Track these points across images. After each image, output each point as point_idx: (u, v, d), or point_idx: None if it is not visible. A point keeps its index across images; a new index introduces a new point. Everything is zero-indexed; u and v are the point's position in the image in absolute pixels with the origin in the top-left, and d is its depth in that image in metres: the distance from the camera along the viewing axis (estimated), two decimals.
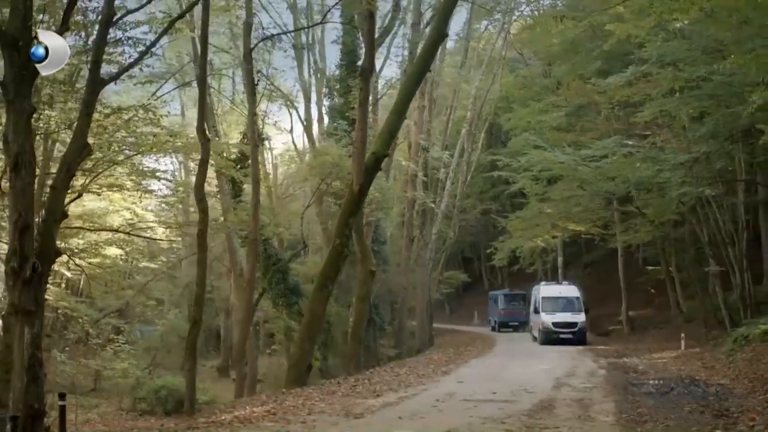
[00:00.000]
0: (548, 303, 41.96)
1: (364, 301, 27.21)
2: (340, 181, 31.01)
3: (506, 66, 54.17)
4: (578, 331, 40.38)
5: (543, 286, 45.07)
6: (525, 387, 21.13)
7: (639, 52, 36.07)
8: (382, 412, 16.97)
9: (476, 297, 68.16)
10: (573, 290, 43.68)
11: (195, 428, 15.02)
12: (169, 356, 48.18)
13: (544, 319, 40.90)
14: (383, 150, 22.97)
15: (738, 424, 15.31)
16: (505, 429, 14.55)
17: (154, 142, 23.83)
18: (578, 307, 41.85)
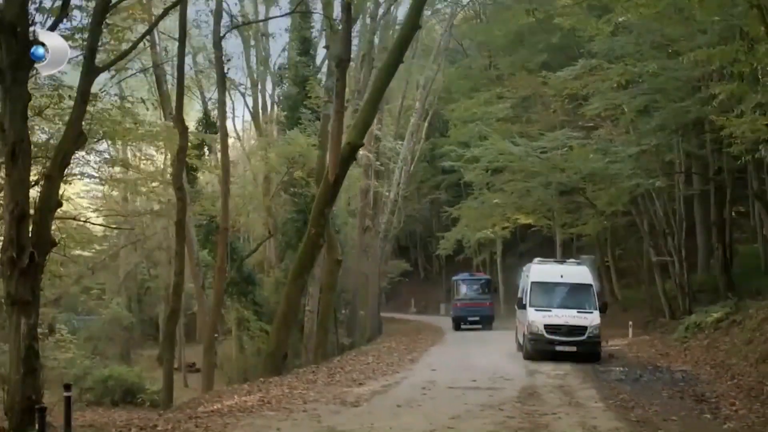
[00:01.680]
0: (541, 292, 26.62)
1: (330, 291, 27.34)
2: (302, 170, 30.98)
3: (447, 57, 54.52)
4: (587, 341, 24.83)
5: (535, 264, 28.53)
6: (500, 375, 21.58)
7: (587, 46, 36.97)
8: (376, 400, 17.18)
9: (412, 286, 68.68)
10: (583, 273, 27.36)
11: (196, 417, 14.97)
12: (112, 346, 47.69)
13: (533, 320, 25.39)
14: (358, 140, 23.09)
15: (721, 408, 15.97)
16: (506, 416, 14.89)
17: (119, 129, 23.53)
18: (590, 301, 26.12)
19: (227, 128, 28.36)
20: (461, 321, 44.32)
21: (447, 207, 54.22)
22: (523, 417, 14.83)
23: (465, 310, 44.54)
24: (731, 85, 25.29)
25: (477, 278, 47.80)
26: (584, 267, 28.39)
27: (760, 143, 25.90)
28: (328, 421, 14.27)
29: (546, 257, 56.93)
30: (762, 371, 19.21)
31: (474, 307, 44.45)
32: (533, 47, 45.63)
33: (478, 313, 44.08)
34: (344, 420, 14.39)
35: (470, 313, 44.27)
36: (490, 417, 14.79)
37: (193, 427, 13.90)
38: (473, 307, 44.42)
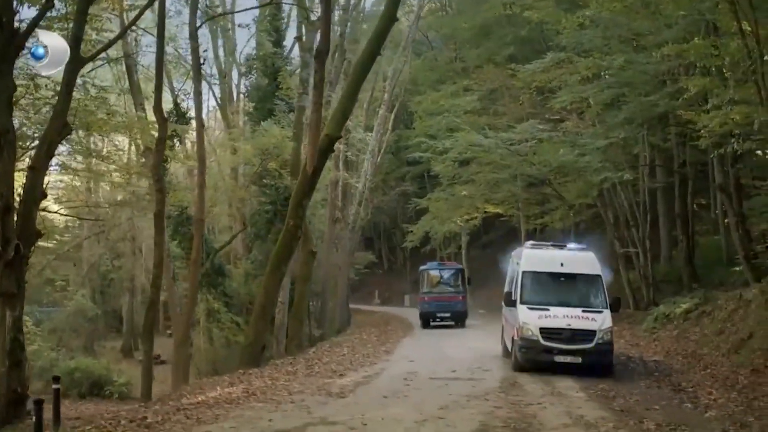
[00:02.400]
0: (535, 285, 21.44)
1: (305, 282, 27.40)
2: (276, 162, 30.95)
3: (413, 49, 54.67)
4: (596, 350, 19.69)
5: (528, 249, 23.12)
6: (478, 366, 21.88)
7: (555, 39, 37.33)
8: (360, 391, 17.29)
9: (376, 277, 68.90)
10: (589, 260, 21.83)
11: (184, 409, 14.95)
12: (76, 338, 47.28)
13: (526, 321, 20.28)
14: (336, 132, 23.12)
15: (699, 398, 16.33)
16: (492, 406, 15.10)
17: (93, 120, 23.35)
18: (599, 297, 20.99)
19: (203, 119, 28.16)
20: (430, 317, 38.63)
21: (414, 198, 54.06)
22: (510, 407, 15.04)
23: (434, 305, 38.68)
24: (703, 79, 25.72)
25: (448, 268, 42.14)
26: (590, 253, 22.28)
27: (732, 137, 26.38)
28: (317, 412, 14.34)
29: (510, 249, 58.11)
30: (734, 361, 19.62)
31: (445, 301, 38.70)
32: (500, 40, 45.95)
33: (449, 309, 38.39)
34: (333, 411, 14.46)
35: (440, 309, 38.52)
36: (477, 407, 14.97)
37: (183, 418, 13.88)
38: (444, 302, 38.64)
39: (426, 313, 38.87)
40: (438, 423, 13.31)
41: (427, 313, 38.84)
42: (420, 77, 55.90)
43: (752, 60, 21.34)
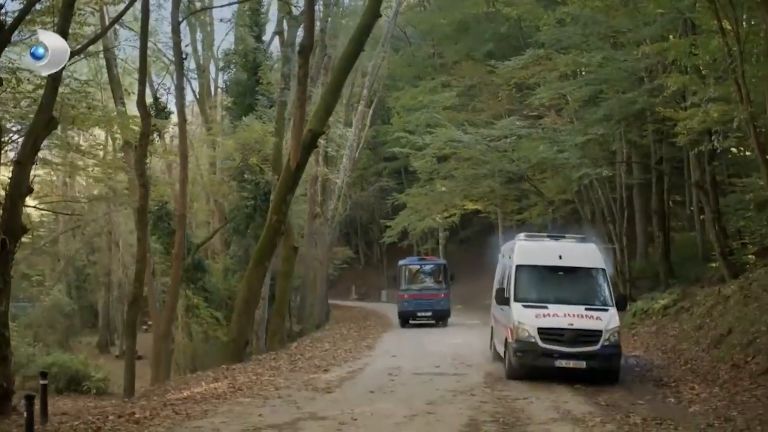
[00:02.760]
0: (531, 281, 19.37)
1: (287, 278, 27.40)
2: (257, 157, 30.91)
3: (391, 45, 54.70)
4: (602, 353, 17.52)
5: (522, 241, 20.92)
6: (461, 361, 22.02)
7: (534, 36, 37.57)
8: (347, 386, 17.37)
9: (352, 272, 68.91)
10: (590, 253, 19.88)
11: (171, 404, 14.93)
12: (52, 333, 47.00)
13: (521, 321, 18.03)
14: (319, 127, 23.17)
15: (682, 392, 16.50)
16: (479, 401, 15.25)
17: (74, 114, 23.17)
18: (603, 293, 19.02)
19: (185, 114, 28.08)
20: (409, 316, 35.95)
21: (392, 194, 53.96)
22: (496, 402, 15.19)
23: (414, 303, 35.89)
24: (683, 77, 25.97)
25: (429, 263, 39.82)
26: (591, 244, 20.42)
27: (710, 134, 26.67)
28: (306, 407, 14.39)
29: (487, 244, 58.34)
30: (715, 356, 19.80)
31: (425, 299, 35.89)
32: (479, 36, 46.10)
33: (430, 307, 35.73)
34: (323, 406, 14.52)
35: (420, 307, 35.77)
36: (464, 402, 15.10)
37: (171, 413, 13.88)
38: (424, 299, 35.87)
39: (405, 311, 36.16)
40: (428, 418, 13.40)
41: (406, 311, 36.10)
42: (398, 73, 55.98)
43: (732, 58, 21.56)
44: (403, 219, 48.91)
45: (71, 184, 49.62)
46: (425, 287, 36.88)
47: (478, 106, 43.75)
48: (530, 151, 33.98)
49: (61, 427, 13.05)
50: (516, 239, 21.39)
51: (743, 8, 23.66)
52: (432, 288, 36.77)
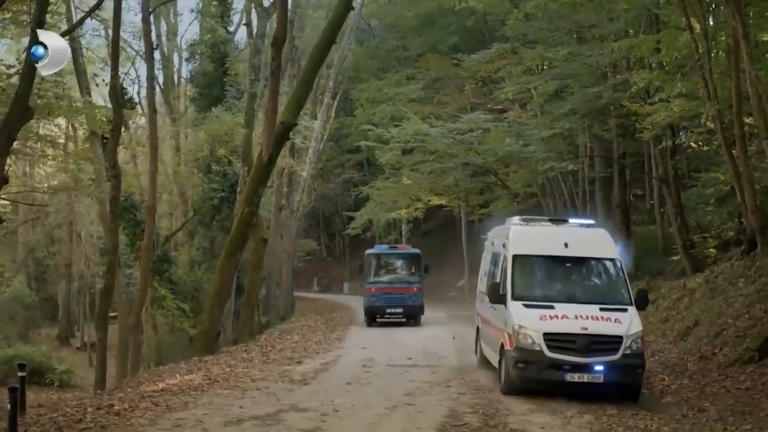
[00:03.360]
0: (532, 275, 16.55)
1: (256, 269, 27.38)
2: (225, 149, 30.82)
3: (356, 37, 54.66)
4: (623, 363, 14.48)
5: (517, 226, 17.54)
6: (432, 352, 22.28)
7: (501, 30, 37.88)
8: (322, 378, 17.45)
9: (315, 264, 68.78)
10: (601, 240, 16.71)
11: (149, 396, 14.88)
12: (11, 325, 46.49)
13: (523, 324, 14.90)
14: (292, 119, 23.20)
15: (654, 384, 16.78)
16: (456, 392, 15.43)
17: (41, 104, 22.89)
18: (620, 290, 15.96)
19: (155, 105, 27.89)
20: (377, 313, 32.38)
21: (355, 186, 54.00)
22: (473, 393, 15.39)
23: (383, 298, 31.97)
24: (650, 74, 26.38)
25: (401, 252, 35.44)
26: (601, 230, 17.35)
27: (672, 130, 27.13)
28: (285, 399, 14.45)
29: (451, 238, 58.81)
30: (682, 348, 20.14)
31: (396, 293, 32.03)
32: (444, 29, 46.29)
33: (401, 302, 31.94)
34: (302, 397, 14.60)
35: (390, 302, 31.93)
36: (442, 393, 15.27)
37: (151, 405, 13.83)
38: (395, 294, 32.02)
39: (373, 307, 32.29)
40: (408, 409, 13.54)
41: (374, 307, 32.26)
42: (362, 65, 55.99)
43: (700, 55, 21.97)
44: (368, 211, 48.92)
45: (31, 174, 48.98)
46: (396, 280, 32.88)
47: (443, 99, 43.99)
48: (497, 144, 34.23)
49: (40, 419, 12.96)
50: (509, 223, 18.19)
51: (710, 5, 24.14)
52: (404, 281, 32.70)
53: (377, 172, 50.51)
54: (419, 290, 32.36)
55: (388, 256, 34.67)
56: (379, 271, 33.28)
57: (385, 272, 33.48)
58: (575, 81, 34.27)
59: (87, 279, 51.27)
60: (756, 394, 14.68)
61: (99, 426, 12.14)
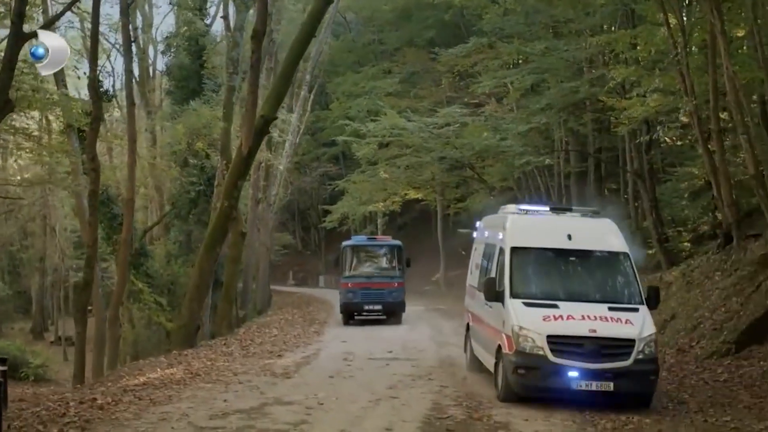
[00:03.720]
0: (532, 269, 15.05)
1: (235, 263, 27.30)
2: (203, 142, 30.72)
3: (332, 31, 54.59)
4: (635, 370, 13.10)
5: (514, 215, 15.97)
6: (412, 346, 22.40)
7: (478, 24, 38.05)
8: (304, 371, 17.49)
9: (290, 258, 68.80)
10: (608, 231, 15.16)
11: (132, 390, 14.84)
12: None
13: (523, 324, 13.48)
14: (272, 113, 23.15)
15: None
16: (439, 385, 15.54)
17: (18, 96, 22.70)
18: (630, 287, 14.55)
19: (134, 97, 27.75)
20: (354, 310, 30.12)
21: (331, 180, 53.93)
22: (456, 386, 15.51)
23: (361, 294, 29.71)
24: (628, 69, 26.61)
25: (380, 244, 33.02)
26: (607, 220, 15.67)
27: (648, 124, 27.38)
28: (269, 392, 14.47)
29: (426, 232, 58.88)
30: (659, 341, 19.92)
31: (375, 288, 29.79)
32: (421, 23, 46.40)
33: (381, 299, 29.73)
34: (285, 391, 14.62)
35: (369, 299, 29.70)
36: (425, 386, 15.36)
37: (134, 399, 13.80)
38: (374, 289, 29.77)
39: (349, 304, 29.93)
40: (392, 402, 13.61)
41: (350, 304, 29.92)
42: (338, 59, 55.94)
43: (677, 51, 22.18)
44: (345, 204, 48.88)
45: (4, 167, 48.57)
46: (375, 274, 30.74)
47: (420, 93, 44.11)
48: (474, 138, 34.36)
49: (22, 413, 12.91)
50: (503, 211, 16.73)
51: (687, 1, 24.38)
52: (384, 275, 30.59)
53: (353, 165, 50.49)
54: (400, 285, 30.22)
55: (367, 248, 32.29)
56: (356, 265, 31.05)
57: (363, 266, 31.27)
58: (552, 75, 34.53)
59: (61, 273, 50.95)
60: (734, 386, 14.90)
61: (83, 420, 12.07)
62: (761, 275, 18.64)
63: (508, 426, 11.93)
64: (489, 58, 37.27)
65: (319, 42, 41.39)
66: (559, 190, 39.89)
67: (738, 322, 17.83)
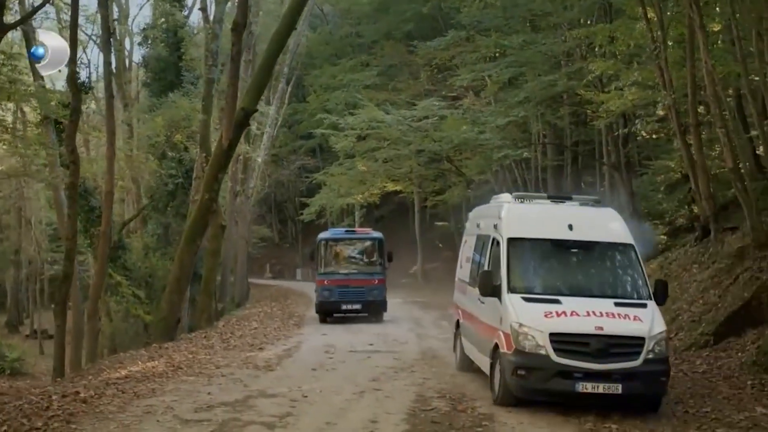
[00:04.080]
0: (531, 262, 13.93)
1: (215, 256, 27.16)
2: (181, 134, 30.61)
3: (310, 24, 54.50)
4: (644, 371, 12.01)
5: (511, 204, 14.59)
6: (392, 338, 22.45)
7: (457, 17, 38.16)
8: (287, 364, 17.50)
9: (267, 250, 68.80)
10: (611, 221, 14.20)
11: (114, 383, 14.79)
12: None
13: (523, 320, 12.37)
14: (252, 106, 23.13)
15: None
16: (421, 377, 15.59)
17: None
18: (637, 281, 13.56)
19: (112, 90, 27.58)
20: (331, 309, 28.02)
21: (309, 173, 53.78)
22: (438, 378, 15.55)
23: (338, 292, 27.69)
24: (607, 63, 26.81)
25: (360, 237, 30.41)
26: (610, 209, 14.94)
27: (634, 118, 27.61)
28: (253, 385, 14.47)
29: (403, 224, 58.93)
30: None
31: (354, 285, 27.69)
32: (399, 16, 46.37)
33: (359, 297, 27.63)
34: (269, 383, 14.63)
35: (347, 297, 27.61)
36: (407, 378, 15.42)
37: (118, 392, 13.74)
38: (352, 287, 27.69)
39: (326, 302, 27.87)
40: (376, 394, 13.66)
41: (326, 303, 27.88)
42: (315, 51, 55.88)
43: (656, 45, 22.36)
44: (323, 197, 48.75)
45: None
46: (354, 270, 28.57)
47: (398, 86, 44.14)
48: (452, 131, 34.45)
49: (5, 407, 12.83)
50: (496, 201, 15.80)
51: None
52: (363, 271, 28.40)
53: (330, 158, 50.47)
54: (381, 282, 27.98)
55: (345, 242, 29.74)
56: (333, 260, 28.90)
57: (341, 261, 29.12)
58: (530, 69, 34.75)
59: (37, 265, 50.64)
60: (713, 378, 15.06)
61: (67, 414, 12.02)
62: (738, 268, 18.89)
63: (493, 417, 12.00)
64: (467, 51, 37.42)
65: (297, 34, 41.32)
66: (536, 183, 40.16)
67: (716, 314, 18.05)
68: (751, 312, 17.07)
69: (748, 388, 14.12)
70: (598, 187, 44.84)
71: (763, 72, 17.76)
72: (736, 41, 19.08)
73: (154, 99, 37.48)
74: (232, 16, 29.81)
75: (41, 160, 29.58)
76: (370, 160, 38.46)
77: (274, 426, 11.24)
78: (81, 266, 36.35)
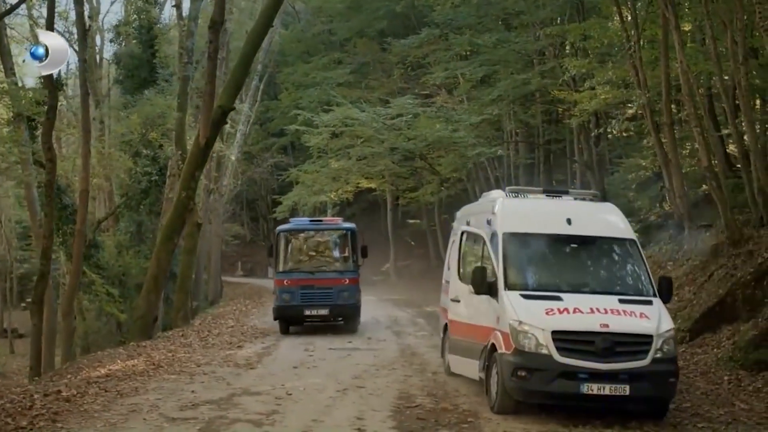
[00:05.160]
0: (529, 257, 13.27)
1: (191, 254, 27.13)
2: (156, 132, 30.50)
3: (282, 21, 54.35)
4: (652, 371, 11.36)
5: (506, 200, 13.90)
6: (369, 336, 22.50)
7: (430, 15, 38.32)
8: (267, 362, 17.56)
9: (238, 248, 68.58)
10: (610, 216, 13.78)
11: (95, 382, 14.73)
12: None
13: (523, 318, 11.68)
14: (229, 104, 23.10)
15: None
16: (403, 375, 15.71)
17: None
18: (641, 277, 12.92)
19: (88, 87, 27.40)
20: (292, 316, 23.31)
21: (281, 170, 53.52)
22: (420, 375, 15.70)
23: (300, 295, 22.85)
24: (582, 61, 27.07)
25: (327, 228, 25.47)
26: (609, 204, 15.02)
27: (608, 118, 27.86)
28: (236, 383, 14.49)
29: (375, 222, 58.97)
30: None
31: (319, 286, 22.96)
32: (372, 14, 46.38)
33: (328, 300, 22.89)
34: (251, 381, 14.68)
35: (311, 301, 22.94)
36: (389, 376, 15.52)
37: (101, 391, 13.72)
38: (318, 288, 22.94)
39: (286, 308, 22.98)
40: (360, 392, 13.72)
41: (286, 308, 22.98)
42: (287, 49, 55.72)
43: (630, 44, 22.63)
44: (296, 194, 48.49)
45: None
46: (320, 267, 23.97)
47: (371, 84, 44.19)
48: (426, 129, 34.56)
49: None
50: (487, 197, 15.40)
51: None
52: (331, 269, 23.96)
53: (303, 156, 50.28)
54: (353, 282, 23.40)
55: (309, 234, 24.86)
56: (294, 256, 24.31)
57: (304, 256, 24.51)
58: (503, 67, 34.96)
59: (7, 264, 50.12)
60: (690, 373, 15.29)
61: (51, 412, 11.99)
62: (713, 265, 19.17)
63: (478, 414, 12.11)
64: (440, 49, 37.59)
65: (271, 32, 41.20)
66: (508, 180, 40.30)
67: (691, 311, 18.30)
68: (725, 308, 17.32)
69: (725, 383, 14.40)
70: (570, 184, 45.33)
71: (737, 71, 18.00)
72: (710, 41, 19.34)
73: (128, 96, 37.27)
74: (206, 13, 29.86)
75: (14, 157, 29.30)
76: (344, 158, 38.37)
77: (262, 423, 11.28)
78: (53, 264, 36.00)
